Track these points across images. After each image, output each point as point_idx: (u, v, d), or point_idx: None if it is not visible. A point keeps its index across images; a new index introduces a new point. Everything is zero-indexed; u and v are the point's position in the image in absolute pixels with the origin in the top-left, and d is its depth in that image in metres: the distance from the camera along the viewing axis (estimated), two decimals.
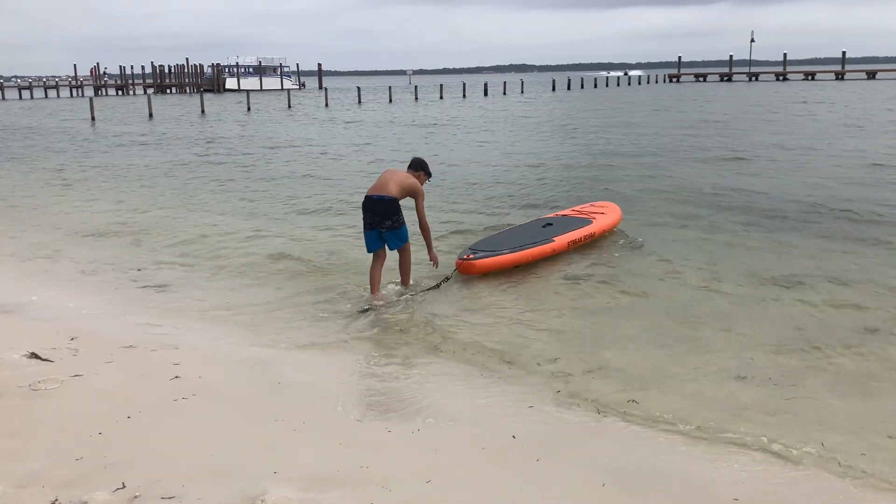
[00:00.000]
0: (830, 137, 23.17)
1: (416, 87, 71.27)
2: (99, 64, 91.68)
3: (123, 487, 3.74)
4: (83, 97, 74.97)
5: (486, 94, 67.98)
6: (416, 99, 61.75)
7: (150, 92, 76.82)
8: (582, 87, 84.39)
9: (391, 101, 60.31)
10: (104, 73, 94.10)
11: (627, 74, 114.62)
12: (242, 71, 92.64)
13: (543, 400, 5.40)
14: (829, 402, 5.32)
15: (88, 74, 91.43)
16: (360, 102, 58.23)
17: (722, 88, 71.90)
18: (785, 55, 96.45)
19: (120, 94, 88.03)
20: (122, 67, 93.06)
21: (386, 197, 7.51)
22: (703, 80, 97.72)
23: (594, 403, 5.31)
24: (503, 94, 69.85)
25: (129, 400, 4.92)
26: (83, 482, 3.78)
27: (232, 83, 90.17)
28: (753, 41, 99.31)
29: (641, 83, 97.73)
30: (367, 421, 4.84)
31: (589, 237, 9.77)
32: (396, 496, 3.80)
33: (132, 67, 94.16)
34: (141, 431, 4.45)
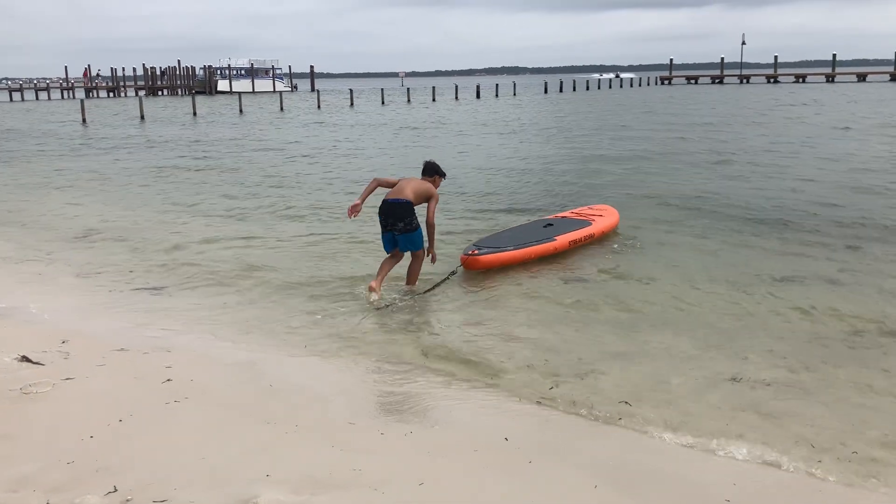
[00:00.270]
0: (819, 140, 23.27)
1: (408, 89, 71.29)
2: (90, 66, 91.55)
3: (115, 491, 3.74)
4: (74, 99, 74.74)
5: (478, 96, 68.01)
6: (408, 101, 61.76)
7: (141, 94, 76.53)
8: (574, 89, 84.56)
9: (384, 103, 60.32)
10: (97, 74, 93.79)
11: (619, 77, 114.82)
12: (234, 73, 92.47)
13: (536, 402, 5.41)
14: (820, 403, 5.34)
15: (82, 76, 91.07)
16: (352, 105, 58.23)
17: (713, 91, 72.15)
18: (776, 57, 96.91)
19: (111, 96, 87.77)
20: (113, 69, 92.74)
21: (401, 200, 7.80)
22: (694, 82, 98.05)
23: (587, 406, 5.32)
24: (495, 96, 69.89)
25: (120, 403, 4.91)
26: (75, 486, 3.78)
27: (224, 85, 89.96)
28: (745, 44, 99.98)
29: (633, 85, 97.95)
30: (359, 423, 4.85)
31: (589, 238, 9.95)
32: (389, 498, 3.81)
33: (123, 69, 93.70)
34: (133, 435, 4.45)
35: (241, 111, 50.42)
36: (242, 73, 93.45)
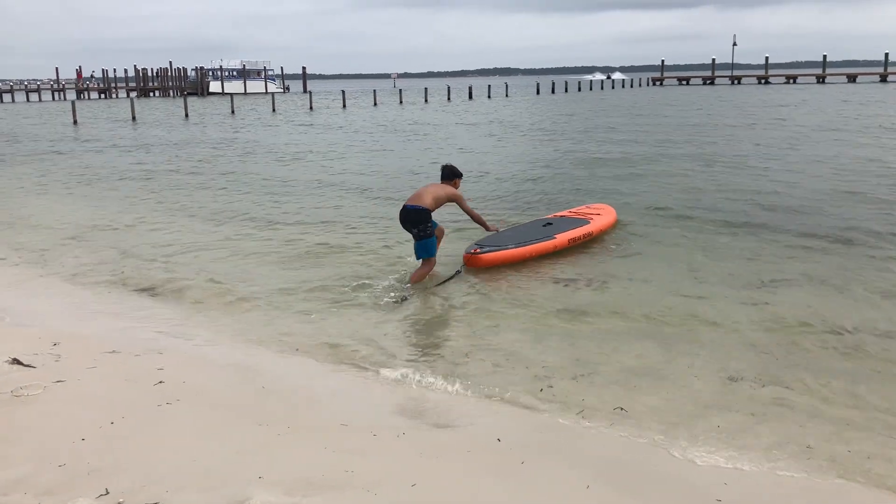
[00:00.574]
0: (805, 142, 23.35)
1: (400, 90, 71.24)
2: (82, 67, 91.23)
3: (107, 494, 3.72)
4: (65, 100, 74.45)
5: (470, 97, 68.04)
6: (400, 102, 61.75)
7: (132, 95, 76.29)
8: (566, 90, 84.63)
9: (376, 104, 60.28)
10: (92, 75, 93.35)
11: (610, 78, 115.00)
12: (226, 74, 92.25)
13: (529, 403, 5.43)
14: (812, 403, 5.37)
15: (76, 77, 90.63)
16: (344, 106, 58.17)
17: (704, 92, 72.35)
18: (767, 58, 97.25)
19: (103, 97, 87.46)
20: (104, 70, 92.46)
21: (418, 206, 8.18)
22: (685, 83, 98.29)
23: (580, 407, 5.34)
24: (488, 97, 69.93)
25: (112, 405, 4.90)
26: (66, 489, 3.76)
27: (216, 86, 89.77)
28: (736, 45, 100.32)
29: (625, 86, 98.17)
30: (352, 425, 4.84)
31: (587, 236, 10.14)
32: (382, 499, 3.81)
33: (115, 71, 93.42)
34: (125, 437, 4.43)
35: (232, 112, 50.32)
36: (234, 74, 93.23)
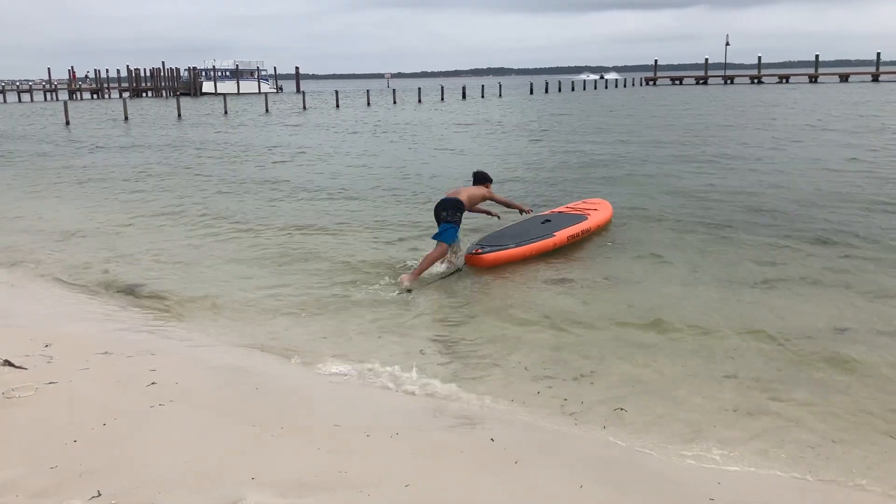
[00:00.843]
0: (800, 140, 23.43)
1: (394, 90, 71.22)
2: (74, 67, 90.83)
3: (99, 496, 3.71)
4: (57, 101, 74.16)
5: (464, 97, 68.05)
6: (394, 102, 61.71)
7: (125, 96, 76.06)
8: (560, 90, 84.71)
9: (369, 104, 60.24)
10: (87, 76, 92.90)
11: (603, 78, 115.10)
12: (219, 74, 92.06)
13: (523, 403, 5.43)
14: (805, 404, 5.39)
15: (71, 77, 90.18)
16: (337, 106, 58.11)
17: (697, 91, 72.51)
18: (759, 58, 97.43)
19: (95, 97, 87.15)
20: (97, 71, 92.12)
21: (454, 198, 9.01)
22: (678, 83, 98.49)
23: (573, 407, 5.35)
24: (481, 97, 69.94)
25: (104, 407, 4.88)
26: (58, 491, 3.75)
27: (209, 87, 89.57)
28: (728, 44, 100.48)
29: (618, 86, 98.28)
30: (345, 425, 4.83)
31: (586, 232, 10.30)
32: (375, 500, 3.80)
33: (107, 71, 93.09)
34: (117, 439, 4.42)
35: (225, 112, 50.20)
36: (227, 74, 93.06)
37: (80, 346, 6.29)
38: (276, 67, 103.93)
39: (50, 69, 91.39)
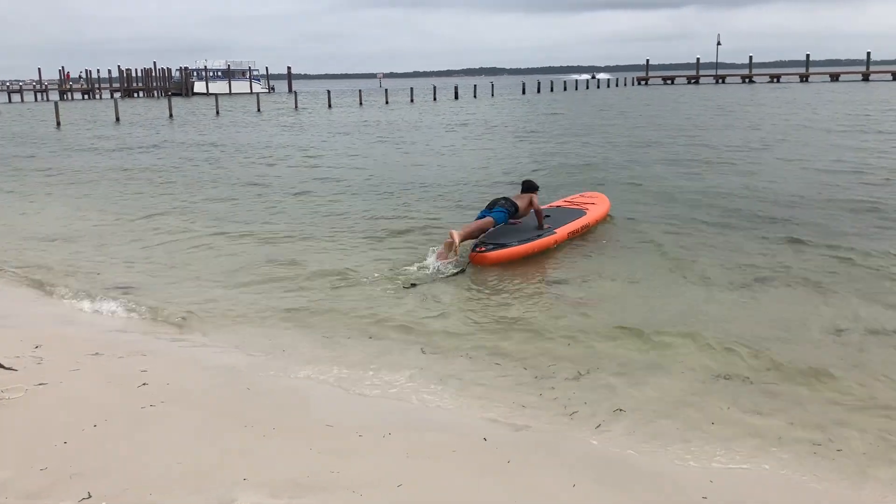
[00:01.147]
0: (785, 140, 23.50)
1: (386, 90, 71.12)
2: (65, 67, 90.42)
3: (89, 497, 3.69)
4: (48, 101, 73.85)
5: (456, 97, 68.03)
6: (386, 102, 61.64)
7: (116, 96, 75.74)
8: (552, 90, 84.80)
9: (361, 104, 60.17)
10: (80, 76, 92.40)
11: (595, 77, 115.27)
12: (211, 75, 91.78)
13: (516, 402, 5.43)
14: (798, 402, 5.40)
15: (64, 77, 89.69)
16: (330, 106, 58.02)
17: (689, 91, 72.69)
18: (751, 58, 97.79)
19: (86, 98, 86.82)
20: (87, 71, 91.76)
21: (515, 202, 9.86)
22: (670, 82, 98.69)
23: (564, 405, 5.35)
24: (473, 97, 69.95)
25: (95, 408, 4.86)
26: (48, 493, 3.73)
27: (200, 87, 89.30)
28: (720, 44, 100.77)
29: (610, 86, 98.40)
30: (337, 426, 4.82)
31: (585, 227, 10.53)
32: (368, 500, 3.80)
33: (98, 71, 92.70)
34: (108, 440, 4.39)
35: (217, 113, 50.06)
36: (219, 74, 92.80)
37: (70, 347, 6.26)
38: (267, 67, 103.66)
39: (40, 69, 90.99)
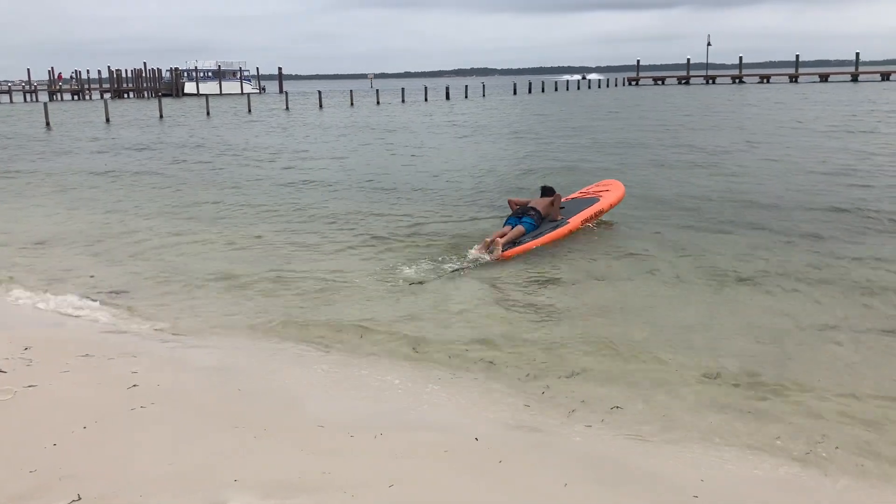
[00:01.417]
0: (771, 141, 23.59)
1: (377, 91, 71.03)
2: (54, 68, 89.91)
3: (79, 500, 3.67)
4: (37, 102, 73.46)
5: (447, 97, 68.02)
6: (377, 103, 61.59)
7: (107, 97, 75.35)
8: (543, 90, 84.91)
9: (352, 104, 60.08)
10: (72, 77, 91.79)
11: (586, 78, 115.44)
12: (202, 75, 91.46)
13: (507, 402, 5.43)
14: (789, 401, 5.42)
15: (56, 78, 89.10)
16: (321, 107, 57.93)
17: (679, 91, 72.90)
18: (741, 58, 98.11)
19: (76, 98, 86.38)
20: (77, 72, 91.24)
21: (536, 208, 10.36)
22: (661, 83, 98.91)
23: (557, 405, 5.35)
24: (465, 97, 69.94)
25: (85, 410, 4.83)
26: (38, 495, 3.71)
27: (191, 87, 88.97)
28: (710, 45, 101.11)
29: (601, 87, 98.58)
30: (329, 426, 4.81)
31: (599, 213, 10.98)
32: (359, 501, 3.79)
33: (88, 72, 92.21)
34: (98, 442, 4.38)
35: (208, 113, 49.88)
36: (210, 75, 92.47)
37: (60, 348, 6.23)
38: (258, 68, 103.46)
39: (29, 70, 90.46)
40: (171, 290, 8.50)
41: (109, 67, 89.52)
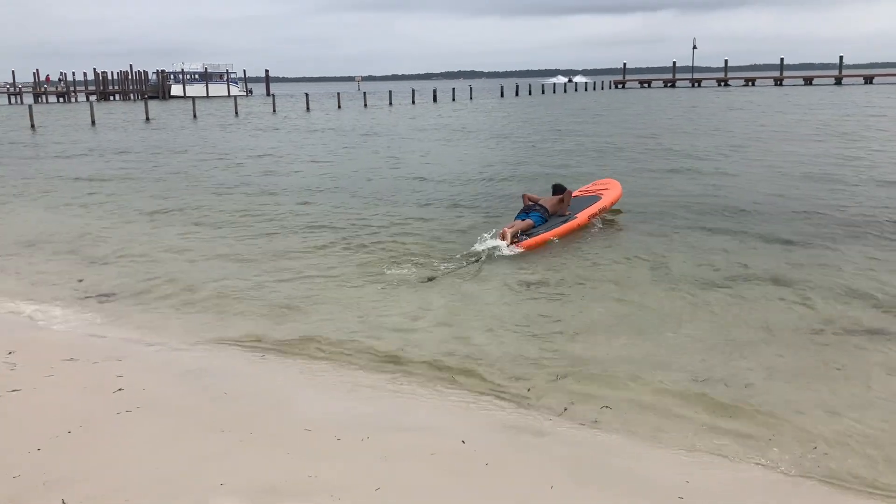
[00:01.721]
0: (747, 147, 23.74)
1: (364, 93, 70.97)
2: (39, 70, 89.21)
3: None
4: (22, 104, 72.95)
5: (435, 100, 68.07)
6: (364, 105, 61.53)
7: (92, 99, 74.90)
8: (530, 93, 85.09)
9: (340, 107, 59.99)
10: (60, 79, 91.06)
11: (572, 81, 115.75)
12: (188, 77, 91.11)
13: (493, 405, 5.44)
14: (776, 403, 5.45)
15: (43, 80, 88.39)
16: (308, 109, 57.82)
17: (665, 94, 73.24)
18: (726, 62, 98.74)
19: (61, 101, 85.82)
20: (62, 74, 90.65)
21: (544, 206, 11.14)
22: (647, 86, 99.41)
23: (544, 407, 5.37)
24: (452, 100, 70.01)
25: (69, 414, 4.81)
26: (21, 500, 3.69)
27: (177, 90, 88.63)
28: (696, 48, 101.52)
29: (588, 89, 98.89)
30: (315, 429, 4.81)
31: (602, 210, 11.77)
32: None
33: (73, 74, 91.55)
34: (82, 446, 4.35)
35: (194, 116, 49.69)
36: (196, 77, 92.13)
37: (45, 352, 6.19)
38: (245, 70, 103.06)
39: (14, 72, 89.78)
40: (157, 294, 8.46)
41: (95, 70, 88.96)
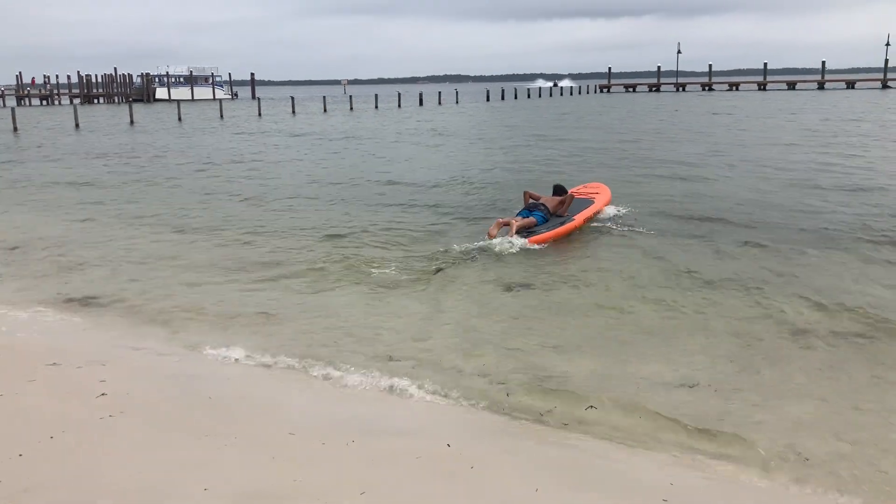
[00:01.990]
0: (730, 152, 23.93)
1: (350, 97, 70.91)
2: (22, 73, 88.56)
3: None
4: (5, 107, 72.37)
5: (420, 104, 68.11)
6: (350, 109, 61.47)
7: (76, 102, 74.42)
8: (515, 97, 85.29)
9: (325, 110, 59.91)
10: (45, 81, 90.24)
11: (558, 85, 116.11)
12: (173, 80, 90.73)
13: (478, 407, 5.45)
14: (757, 406, 5.48)
15: (28, 83, 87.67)
16: (294, 112, 57.70)
17: (650, 99, 73.60)
18: (710, 66, 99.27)
19: (45, 104, 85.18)
20: (46, 77, 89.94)
21: (546, 206, 11.56)
22: (632, 90, 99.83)
23: (529, 410, 5.38)
24: (438, 104, 70.06)
25: (52, 420, 4.76)
26: None
27: (162, 93, 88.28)
28: (680, 52, 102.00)
29: (573, 94, 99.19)
30: (300, 434, 4.79)
31: (596, 212, 12.18)
32: None
33: (57, 77, 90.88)
34: (65, 452, 4.31)
35: (179, 119, 49.50)
36: (181, 80, 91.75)
37: (26, 357, 6.14)
38: (230, 73, 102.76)
39: None
40: (141, 298, 8.41)
41: (79, 73, 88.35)
